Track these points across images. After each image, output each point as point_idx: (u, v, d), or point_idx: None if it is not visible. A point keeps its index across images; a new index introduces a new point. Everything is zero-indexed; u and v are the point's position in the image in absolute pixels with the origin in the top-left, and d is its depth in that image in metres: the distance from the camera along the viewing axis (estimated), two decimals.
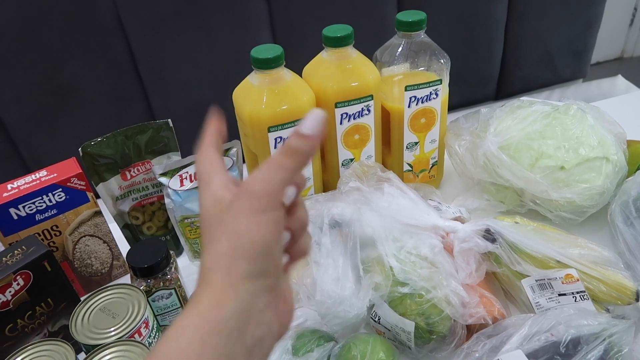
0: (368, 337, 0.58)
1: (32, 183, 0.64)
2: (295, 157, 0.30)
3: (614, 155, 0.69)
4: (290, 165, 0.30)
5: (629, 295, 0.57)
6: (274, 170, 0.30)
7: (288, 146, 0.30)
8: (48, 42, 1.04)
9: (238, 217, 0.29)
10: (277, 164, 0.30)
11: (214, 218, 0.30)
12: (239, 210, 0.29)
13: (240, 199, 0.30)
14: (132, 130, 0.69)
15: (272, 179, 0.30)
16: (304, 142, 0.30)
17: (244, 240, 0.29)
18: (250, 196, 0.29)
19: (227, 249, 0.29)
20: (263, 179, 0.30)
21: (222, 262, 0.29)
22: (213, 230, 0.30)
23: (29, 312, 0.59)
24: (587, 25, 1.37)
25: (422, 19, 0.70)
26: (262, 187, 0.29)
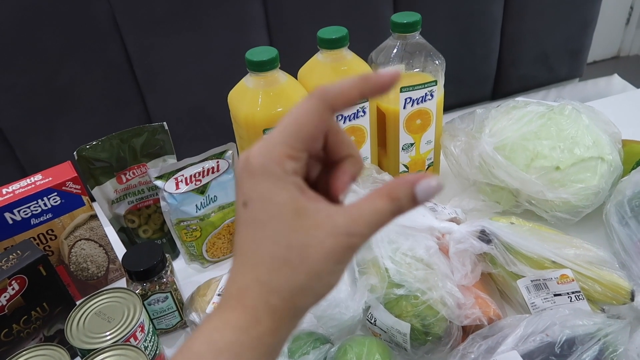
0: (364, 339, 0.58)
1: (27, 187, 0.64)
2: (396, 216, 0.28)
3: (609, 155, 0.70)
4: (389, 222, 0.28)
5: (624, 295, 0.57)
6: (376, 226, 0.28)
7: (397, 202, 0.27)
8: (44, 45, 1.04)
9: (328, 260, 0.27)
10: (381, 219, 0.27)
11: (285, 223, 0.27)
12: (331, 255, 0.27)
13: (337, 242, 0.27)
14: (128, 134, 0.69)
15: (371, 235, 0.28)
16: (411, 206, 0.28)
17: (322, 282, 0.27)
18: (348, 248, 0.27)
19: (304, 284, 0.27)
20: (365, 235, 0.27)
21: (294, 294, 0.27)
22: (280, 238, 0.27)
23: (25, 317, 0.59)
24: (583, 25, 1.37)
25: (417, 20, 0.70)
26: (362, 242, 0.28)
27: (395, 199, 0.27)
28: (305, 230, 0.27)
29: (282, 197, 0.27)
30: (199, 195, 0.70)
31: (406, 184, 0.27)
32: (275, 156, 0.28)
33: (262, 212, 0.27)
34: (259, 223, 0.28)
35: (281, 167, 0.27)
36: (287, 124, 0.28)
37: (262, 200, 0.28)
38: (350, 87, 0.28)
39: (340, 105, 0.28)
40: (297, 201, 0.27)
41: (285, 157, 0.28)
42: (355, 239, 0.27)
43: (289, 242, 0.27)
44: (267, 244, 0.27)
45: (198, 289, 0.67)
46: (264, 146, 0.28)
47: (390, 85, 0.29)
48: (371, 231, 0.28)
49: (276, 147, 0.28)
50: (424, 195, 0.27)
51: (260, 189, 0.27)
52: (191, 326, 0.65)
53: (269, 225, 0.27)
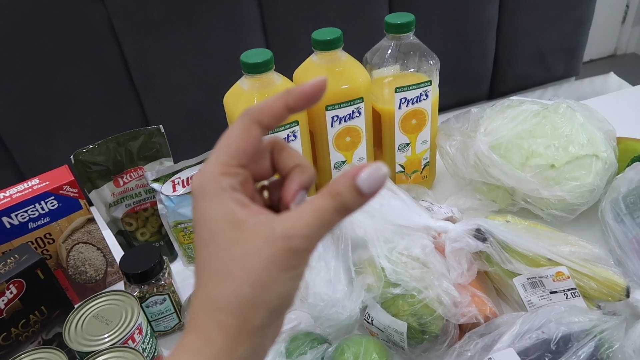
0: (361, 339, 0.58)
1: (25, 191, 0.64)
2: (342, 213, 0.27)
3: (604, 152, 0.70)
4: (335, 221, 0.27)
5: (619, 292, 0.58)
6: (318, 226, 0.27)
7: (339, 197, 0.26)
8: (40, 49, 1.05)
9: (270, 268, 0.26)
10: (323, 217, 0.26)
11: (224, 238, 0.27)
12: (272, 262, 0.26)
13: (275, 247, 0.26)
14: (124, 137, 0.69)
15: (315, 236, 0.27)
16: (357, 199, 0.26)
17: (270, 293, 0.26)
18: (289, 252, 0.26)
19: (250, 296, 0.26)
20: (307, 236, 0.26)
21: (243, 308, 0.26)
22: (222, 253, 0.27)
23: (23, 321, 0.59)
24: (578, 23, 1.38)
25: (410, 21, 0.70)
26: (305, 245, 0.27)
27: (336, 195, 0.26)
28: (244, 241, 0.27)
29: (219, 213, 0.27)
30: None
31: (346, 177, 0.26)
32: (209, 175, 0.28)
33: (204, 230, 0.28)
34: (203, 242, 0.28)
35: (216, 184, 0.28)
36: (219, 145, 0.29)
37: (203, 220, 0.28)
38: (274, 100, 0.29)
39: (266, 118, 0.29)
40: (235, 214, 0.27)
41: (218, 175, 0.28)
42: (295, 241, 0.26)
43: (230, 255, 0.27)
44: (212, 260, 0.27)
45: None
46: (200, 169, 0.29)
47: (315, 94, 0.29)
48: (313, 231, 0.27)
49: (209, 166, 0.29)
50: (367, 186, 0.26)
51: (200, 209, 0.28)
52: None
53: (211, 242, 0.27)
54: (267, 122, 0.29)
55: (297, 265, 0.27)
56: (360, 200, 0.26)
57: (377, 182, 0.26)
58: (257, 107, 0.29)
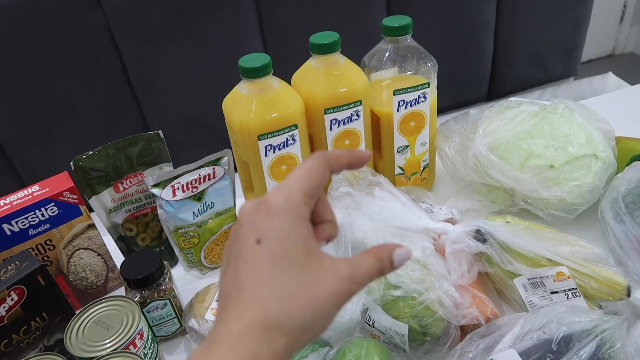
0: (362, 341, 0.58)
1: (25, 198, 0.64)
2: (378, 276, 0.32)
3: (603, 152, 0.70)
4: (374, 278, 0.32)
5: (620, 291, 0.58)
6: (367, 279, 0.31)
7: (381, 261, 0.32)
8: (39, 56, 1.05)
9: (331, 302, 0.30)
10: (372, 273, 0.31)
11: (298, 260, 0.30)
12: (335, 298, 0.30)
13: (341, 286, 0.30)
14: (124, 143, 0.69)
15: (363, 286, 0.31)
16: (389, 268, 0.32)
17: (322, 323, 0.30)
18: (348, 293, 0.30)
19: (308, 323, 0.29)
20: (361, 284, 0.31)
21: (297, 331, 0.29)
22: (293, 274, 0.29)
23: (24, 327, 0.59)
24: (576, 24, 1.38)
25: (407, 24, 0.71)
26: (358, 290, 0.31)
27: (380, 260, 0.32)
28: (314, 270, 0.30)
29: (298, 237, 0.30)
30: (195, 202, 0.71)
31: (388, 250, 0.32)
32: (295, 200, 0.31)
33: (279, 248, 0.30)
34: (273, 259, 0.30)
35: (298, 211, 0.31)
36: (300, 175, 0.32)
37: (280, 238, 0.30)
38: (343, 154, 0.34)
39: (336, 166, 0.34)
40: (309, 243, 0.31)
41: (301, 203, 0.31)
42: (354, 286, 0.31)
43: (301, 279, 0.29)
44: (279, 278, 0.29)
45: (197, 295, 0.67)
46: (283, 191, 0.32)
47: (365, 161, 0.35)
48: (364, 281, 0.31)
49: (295, 193, 0.31)
50: (398, 260, 0.32)
51: (278, 227, 0.30)
52: (190, 332, 0.65)
53: (284, 261, 0.29)
54: (335, 169, 0.34)
55: (345, 304, 0.31)
56: (391, 270, 0.33)
57: (404, 260, 0.33)
58: (334, 154, 0.34)
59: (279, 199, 0.31)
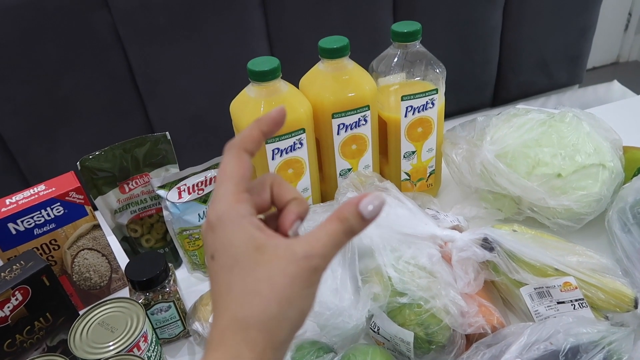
0: (367, 348, 0.57)
1: (31, 197, 0.64)
2: (349, 235, 0.31)
3: (610, 162, 0.70)
4: (344, 242, 0.31)
5: (627, 303, 0.57)
6: (332, 246, 0.30)
7: (346, 221, 0.30)
8: (46, 55, 1.05)
9: (294, 285, 0.29)
10: (335, 238, 0.30)
11: (248, 260, 0.30)
12: (296, 279, 0.29)
13: (298, 266, 0.29)
14: (130, 144, 0.69)
15: (329, 255, 0.30)
16: (360, 223, 0.31)
17: (294, 308, 0.29)
18: (310, 270, 0.30)
19: (277, 312, 0.29)
20: (324, 255, 0.30)
21: (270, 324, 0.29)
22: (247, 274, 0.29)
23: (28, 327, 0.59)
24: (582, 31, 1.38)
25: (417, 30, 0.70)
26: (323, 263, 0.30)
27: (343, 220, 0.31)
28: (268, 262, 0.29)
29: (242, 238, 0.30)
30: (201, 204, 0.70)
31: (351, 204, 0.31)
32: (226, 206, 0.31)
33: (228, 257, 0.30)
34: (227, 268, 0.30)
35: (235, 212, 0.31)
36: (222, 179, 0.32)
37: (225, 247, 0.30)
38: (251, 129, 0.33)
39: (249, 145, 0.33)
40: (257, 239, 0.30)
41: (234, 203, 0.31)
42: (315, 260, 0.30)
43: (256, 276, 0.29)
44: (237, 283, 0.29)
45: (201, 298, 0.67)
46: (215, 202, 0.32)
47: (280, 119, 0.34)
48: (328, 250, 0.30)
49: (224, 197, 0.31)
50: (368, 212, 0.30)
51: (222, 238, 0.30)
52: (194, 335, 0.65)
53: (235, 266, 0.30)
54: (251, 148, 0.33)
55: (315, 282, 0.30)
56: (363, 224, 0.31)
57: (376, 209, 0.31)
58: (240, 138, 0.33)
59: (214, 211, 0.31)
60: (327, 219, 0.31)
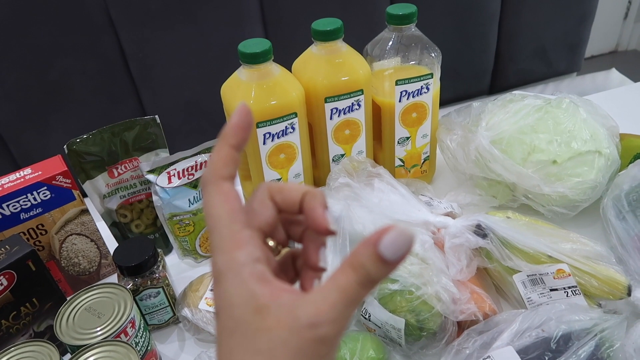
0: (358, 335, 0.57)
1: (17, 181, 0.63)
2: (368, 287, 0.25)
3: (607, 148, 0.69)
4: (362, 296, 0.25)
5: (620, 290, 0.57)
6: (345, 305, 0.25)
7: (361, 269, 0.24)
8: (36, 38, 1.03)
9: (300, 356, 0.24)
10: (349, 294, 0.25)
11: (248, 326, 0.25)
12: (299, 354, 0.24)
13: (302, 339, 0.24)
14: (119, 127, 0.67)
15: (343, 317, 0.25)
16: (382, 269, 0.24)
17: None
18: (317, 341, 0.24)
19: None
20: (334, 320, 0.24)
21: None
22: (247, 343, 0.25)
23: (14, 313, 0.58)
24: (581, 19, 1.36)
25: (412, 12, 0.69)
26: (334, 330, 0.25)
27: (358, 267, 0.24)
28: (269, 330, 0.25)
29: (241, 298, 0.25)
30: (191, 189, 0.69)
31: (367, 245, 0.24)
32: (224, 255, 0.26)
33: (228, 319, 0.26)
34: (227, 331, 0.26)
35: (234, 262, 0.26)
36: (211, 224, 0.27)
37: (225, 307, 0.26)
38: (220, 151, 0.28)
39: (224, 170, 0.28)
40: (257, 298, 0.25)
41: (231, 250, 0.26)
42: (322, 329, 0.24)
43: (256, 347, 0.25)
44: (238, 352, 0.25)
45: (191, 284, 0.66)
46: (213, 253, 0.27)
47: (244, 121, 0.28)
48: (340, 312, 0.25)
49: (220, 247, 0.26)
50: (392, 252, 0.24)
51: (222, 295, 0.26)
52: (183, 322, 0.65)
53: (236, 331, 0.26)
54: (228, 172, 0.28)
55: (327, 353, 0.25)
56: (386, 270, 0.24)
57: (403, 248, 0.24)
58: (211, 168, 0.28)
59: (215, 263, 0.26)
60: (338, 269, 0.25)
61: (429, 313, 0.56)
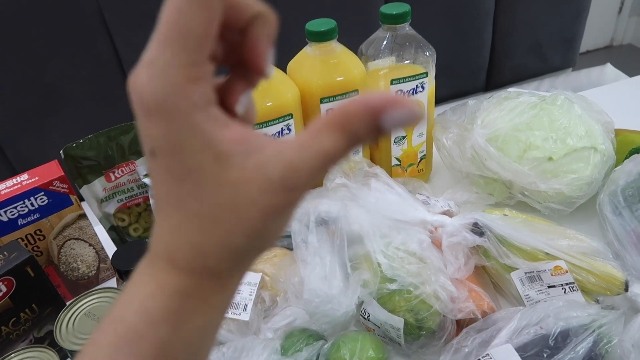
0: (357, 335, 0.57)
1: (13, 187, 0.63)
2: (349, 151, 0.22)
3: (602, 144, 0.69)
4: (340, 159, 0.22)
5: (618, 286, 0.57)
6: (324, 169, 0.22)
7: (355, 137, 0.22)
8: (31, 42, 1.03)
9: (268, 219, 0.22)
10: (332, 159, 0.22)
11: (205, 175, 0.22)
12: (270, 214, 0.22)
13: (275, 200, 0.22)
14: (115, 131, 0.67)
15: (318, 179, 0.22)
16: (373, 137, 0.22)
17: (264, 240, 0.23)
18: (291, 204, 0.23)
19: (243, 245, 0.22)
20: (310, 184, 0.22)
21: (233, 255, 0.23)
22: (204, 194, 0.22)
23: (13, 319, 0.58)
24: (575, 14, 1.37)
25: (406, 12, 0.69)
26: (307, 192, 0.23)
27: (350, 133, 0.21)
28: (233, 185, 0.22)
29: (196, 142, 0.21)
30: None
31: (366, 114, 0.21)
32: (173, 85, 0.21)
33: (177, 163, 0.22)
34: (175, 177, 0.22)
35: (186, 99, 0.21)
36: (166, 33, 0.21)
37: (172, 150, 0.21)
38: None
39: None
40: (217, 144, 0.21)
41: (187, 83, 0.21)
42: (296, 193, 0.22)
43: (216, 200, 0.22)
44: (189, 200, 0.22)
45: None
46: (153, 74, 0.21)
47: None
48: (318, 176, 0.22)
49: (169, 71, 0.21)
50: (393, 126, 0.21)
51: (166, 134, 0.21)
52: None
53: (188, 179, 0.22)
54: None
55: (292, 213, 0.23)
56: (375, 137, 0.22)
57: (407, 123, 0.21)
58: None
59: (151, 89, 0.21)
60: (323, 125, 0.22)
61: (428, 312, 0.56)
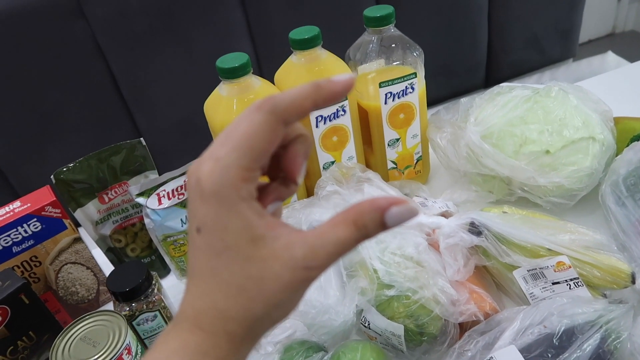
0: (357, 344, 0.56)
1: (6, 215, 0.63)
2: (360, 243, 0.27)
3: (600, 134, 0.67)
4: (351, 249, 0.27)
5: (624, 278, 0.55)
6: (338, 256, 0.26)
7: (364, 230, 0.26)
8: (27, 71, 1.04)
9: (286, 292, 0.27)
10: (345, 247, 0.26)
11: (240, 252, 0.26)
12: (289, 288, 0.26)
13: (295, 276, 0.26)
14: (105, 153, 0.67)
15: (332, 264, 0.27)
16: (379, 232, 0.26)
17: (280, 311, 0.27)
18: (307, 281, 0.27)
19: (261, 314, 0.27)
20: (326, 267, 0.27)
21: (251, 322, 0.27)
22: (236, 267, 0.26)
23: (11, 347, 0.58)
24: (572, 4, 1.34)
25: (390, 13, 0.68)
26: (319, 276, 0.27)
27: (362, 227, 0.26)
28: (262, 260, 0.26)
29: (238, 225, 0.26)
30: (183, 209, 0.69)
31: (374, 209, 0.26)
32: (230, 180, 0.26)
33: (217, 240, 0.26)
34: (214, 251, 0.27)
35: (237, 193, 0.26)
36: (238, 141, 0.26)
37: (217, 229, 0.26)
38: (303, 97, 0.27)
39: (293, 117, 0.27)
40: (254, 229, 0.26)
41: (240, 181, 0.26)
42: (313, 272, 0.27)
43: (246, 273, 0.26)
44: (223, 272, 0.27)
45: None
46: (216, 168, 0.26)
47: (344, 92, 0.27)
48: (331, 262, 0.27)
49: (230, 169, 0.26)
50: (394, 223, 0.26)
51: (214, 216, 0.26)
52: None
53: (225, 253, 0.26)
54: (293, 120, 0.27)
55: (307, 288, 0.27)
56: (382, 232, 0.26)
57: (405, 220, 0.26)
58: (285, 104, 0.27)
59: (212, 180, 0.26)
60: (339, 219, 0.26)
61: (428, 317, 0.54)
